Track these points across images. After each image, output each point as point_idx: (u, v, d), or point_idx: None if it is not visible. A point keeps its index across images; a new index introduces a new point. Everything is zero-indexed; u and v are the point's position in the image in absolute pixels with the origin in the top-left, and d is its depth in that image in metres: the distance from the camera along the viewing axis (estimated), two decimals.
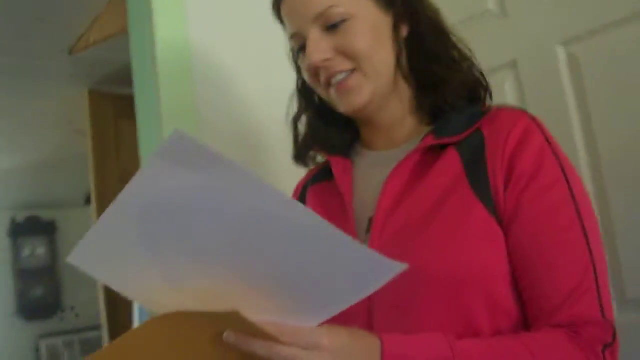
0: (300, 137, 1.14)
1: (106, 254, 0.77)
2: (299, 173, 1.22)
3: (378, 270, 0.71)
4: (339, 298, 0.74)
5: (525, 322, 0.90)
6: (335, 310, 0.75)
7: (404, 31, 1.02)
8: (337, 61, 0.96)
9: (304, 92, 1.14)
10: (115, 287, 0.81)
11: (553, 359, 0.81)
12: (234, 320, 0.68)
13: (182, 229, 0.72)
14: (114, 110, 3.04)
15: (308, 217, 0.68)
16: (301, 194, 1.15)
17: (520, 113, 0.95)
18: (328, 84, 0.99)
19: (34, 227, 6.03)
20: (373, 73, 0.97)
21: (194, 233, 0.72)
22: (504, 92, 1.60)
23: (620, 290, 1.41)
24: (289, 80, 1.17)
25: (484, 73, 1.05)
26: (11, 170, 4.80)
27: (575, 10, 1.48)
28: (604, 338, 0.83)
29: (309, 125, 1.13)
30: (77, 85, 3.13)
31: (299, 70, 1.12)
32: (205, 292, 0.71)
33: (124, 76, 1.98)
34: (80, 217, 5.69)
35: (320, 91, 1.03)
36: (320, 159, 1.16)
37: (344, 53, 0.96)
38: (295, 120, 1.15)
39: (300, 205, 0.68)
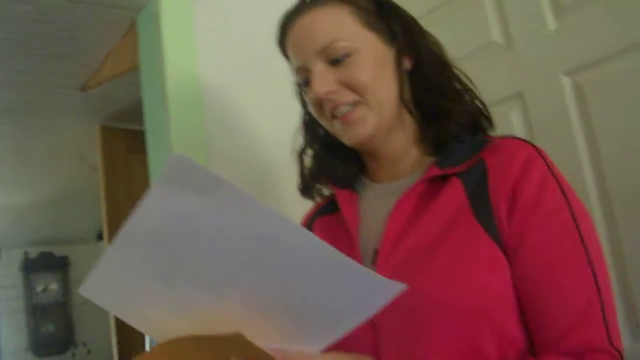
0: (306, 170, 1.15)
1: (116, 284, 0.78)
2: (307, 205, 1.23)
3: (379, 291, 0.71)
4: (341, 321, 0.74)
5: (532, 351, 0.89)
6: (339, 334, 0.75)
7: (407, 64, 1.03)
8: (341, 94, 0.97)
9: (310, 125, 1.15)
10: (125, 318, 0.82)
11: None
12: (237, 343, 0.69)
13: (187, 255, 0.73)
14: (125, 145, 3.07)
15: (309, 239, 0.69)
16: (307, 227, 1.16)
17: (522, 142, 0.96)
18: (333, 116, 1.00)
19: (47, 263, 6.03)
20: (376, 105, 0.98)
21: (199, 259, 0.73)
22: (510, 124, 1.61)
23: (633, 318, 1.39)
24: (297, 116, 1.18)
25: (487, 104, 1.05)
26: (24, 207, 4.83)
27: (578, 41, 1.49)
28: None
29: (315, 158, 1.14)
30: (89, 121, 3.17)
31: (304, 104, 1.13)
32: (213, 320, 0.71)
33: (136, 112, 2.00)
34: (93, 253, 5.72)
35: (325, 123, 1.04)
36: (325, 191, 1.17)
37: (348, 86, 0.97)
38: (301, 153, 1.16)
39: (301, 227, 0.69)
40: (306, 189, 1.16)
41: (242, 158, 1.76)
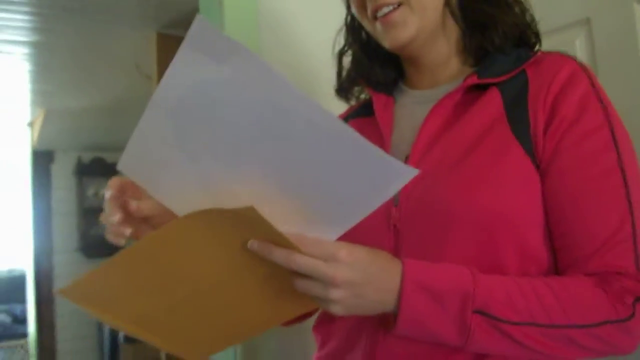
0: (344, 71, 1.14)
1: (147, 159, 0.80)
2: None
3: (393, 175, 0.70)
4: (355, 205, 0.74)
5: (556, 272, 0.88)
6: (353, 220, 0.75)
7: None
8: None
9: (352, 27, 1.13)
10: (154, 194, 0.83)
11: (577, 302, 0.80)
12: (250, 218, 0.69)
13: (209, 126, 0.73)
14: None
15: (324, 115, 0.68)
16: None
17: (567, 58, 0.93)
18: (374, 17, 0.97)
19: (99, 168, 6.21)
20: (420, 8, 0.95)
21: (219, 130, 0.73)
22: (574, 50, 1.54)
23: None
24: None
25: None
26: (79, 112, 4.91)
27: None
28: (636, 290, 0.80)
29: (354, 60, 1.12)
30: (145, 27, 3.16)
31: (348, 5, 1.11)
32: (233, 200, 0.71)
33: (192, 19, 1.98)
34: None
35: (367, 24, 1.01)
36: (363, 96, 1.16)
37: None
38: (341, 53, 1.14)
39: (315, 103, 0.68)
40: (342, 90, 1.15)
41: (293, 66, 1.74)
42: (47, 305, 5.85)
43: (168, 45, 3.07)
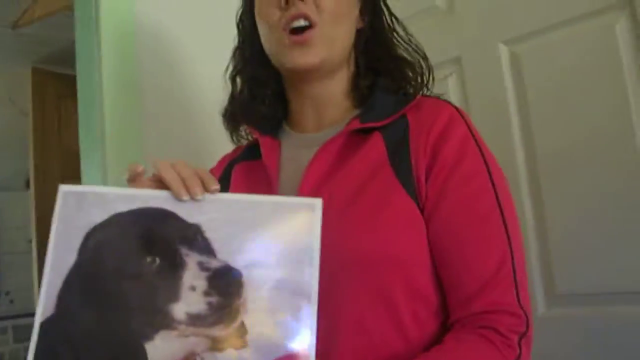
0: (237, 95, 1.12)
1: None
2: None
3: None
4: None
5: (445, 309, 0.91)
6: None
7: (363, 21, 1.04)
8: (308, 4, 0.95)
9: (243, 54, 1.12)
10: None
11: None
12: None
13: None
14: (57, 89, 2.97)
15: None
16: (226, 170, 1.13)
17: (444, 103, 0.97)
18: (286, 28, 0.96)
19: None
20: (330, 38, 0.96)
21: None
22: (447, 88, 1.63)
23: (550, 285, 1.45)
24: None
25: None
26: None
27: (519, 11, 1.51)
28: (519, 327, 0.84)
29: (240, 102, 1.11)
30: (20, 62, 3.04)
31: (243, 24, 1.11)
32: None
33: (68, 55, 1.93)
34: (20, 201, 5.54)
35: (273, 32, 0.98)
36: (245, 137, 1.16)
37: (316, 3, 0.95)
38: (233, 76, 1.13)
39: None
40: (231, 130, 1.14)
41: (175, 101, 1.72)
42: None
43: (44, 80, 2.98)
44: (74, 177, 2.09)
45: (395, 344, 0.86)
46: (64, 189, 0.79)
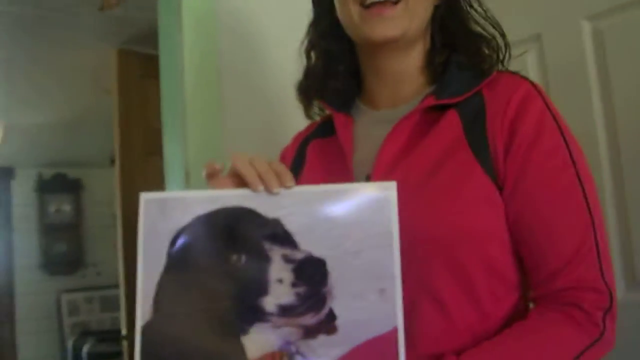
0: (311, 69, 1.13)
1: None
2: None
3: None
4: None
5: (525, 288, 0.91)
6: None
7: None
8: None
9: (317, 27, 1.12)
10: None
11: (550, 346, 0.83)
12: None
13: None
14: (140, 69, 3.04)
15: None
16: (300, 147, 1.14)
17: (520, 79, 0.95)
18: (362, 4, 0.95)
19: (60, 184, 6.11)
20: (413, 11, 0.96)
21: None
22: (526, 66, 1.59)
23: (630, 271, 1.41)
24: None
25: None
26: (39, 127, 4.85)
27: None
28: (603, 303, 0.84)
29: (314, 76, 1.11)
30: (106, 43, 3.14)
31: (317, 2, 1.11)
32: None
33: (153, 36, 1.99)
34: (105, 176, 5.76)
35: (349, 9, 0.98)
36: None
37: None
38: (308, 50, 1.13)
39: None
40: (304, 92, 1.14)
41: (255, 81, 1.75)
42: (8, 324, 5.73)
43: (128, 61, 3.06)
44: (156, 152, 2.17)
45: (473, 321, 0.87)
46: (145, 197, 0.83)
